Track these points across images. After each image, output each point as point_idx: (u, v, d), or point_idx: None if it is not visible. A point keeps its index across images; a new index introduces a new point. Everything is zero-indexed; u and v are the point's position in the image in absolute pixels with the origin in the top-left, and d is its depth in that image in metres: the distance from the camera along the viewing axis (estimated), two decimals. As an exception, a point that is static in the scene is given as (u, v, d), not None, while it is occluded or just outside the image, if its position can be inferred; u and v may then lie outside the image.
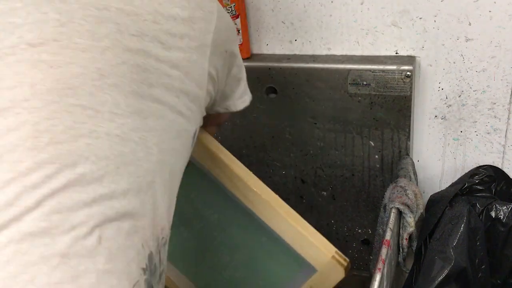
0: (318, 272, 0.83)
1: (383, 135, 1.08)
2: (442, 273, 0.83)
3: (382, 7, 1.02)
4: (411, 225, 0.92)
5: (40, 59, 0.49)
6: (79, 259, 0.46)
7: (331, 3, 1.06)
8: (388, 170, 1.11)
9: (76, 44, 0.51)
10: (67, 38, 0.51)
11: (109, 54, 0.52)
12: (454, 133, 1.07)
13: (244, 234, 0.92)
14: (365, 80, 1.04)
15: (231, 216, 0.92)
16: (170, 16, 0.60)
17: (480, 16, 0.96)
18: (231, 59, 0.74)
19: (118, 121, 0.51)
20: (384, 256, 0.78)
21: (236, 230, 0.93)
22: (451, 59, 1.02)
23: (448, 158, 1.10)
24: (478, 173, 0.99)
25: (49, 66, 0.49)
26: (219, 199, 0.91)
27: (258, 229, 0.88)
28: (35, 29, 0.50)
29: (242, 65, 0.80)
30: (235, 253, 0.95)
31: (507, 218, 0.91)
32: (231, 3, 1.09)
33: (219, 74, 0.70)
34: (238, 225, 0.92)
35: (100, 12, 0.53)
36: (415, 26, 1.02)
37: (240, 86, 0.80)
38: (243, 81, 0.81)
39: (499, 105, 1.01)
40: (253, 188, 0.85)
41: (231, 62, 0.74)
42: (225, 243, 0.96)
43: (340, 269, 0.80)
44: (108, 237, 0.49)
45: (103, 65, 0.52)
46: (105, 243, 0.48)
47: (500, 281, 0.93)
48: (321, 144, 1.14)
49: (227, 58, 0.72)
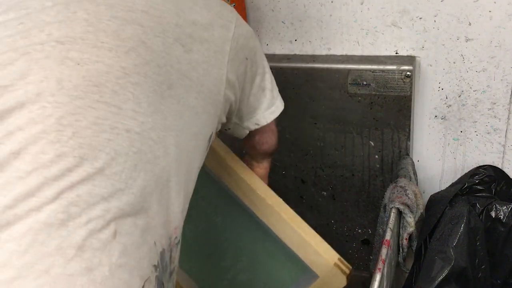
0: (320, 278, 0.83)
1: (383, 135, 1.08)
2: (442, 273, 0.83)
3: (382, 7, 1.02)
4: (411, 225, 0.92)
5: (67, 56, 0.51)
6: (94, 252, 0.47)
7: (331, 3, 1.06)
8: (388, 170, 1.11)
9: (103, 43, 0.52)
10: (94, 37, 0.52)
11: (133, 54, 0.54)
12: (454, 133, 1.07)
13: (248, 237, 0.92)
14: (365, 80, 1.04)
15: (235, 219, 0.93)
16: (191, 21, 0.62)
17: (480, 16, 0.96)
18: (253, 68, 0.75)
19: (139, 119, 0.53)
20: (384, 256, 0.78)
21: (240, 233, 0.93)
22: (451, 59, 1.02)
23: (448, 158, 1.10)
24: (478, 173, 0.99)
25: (76, 63, 0.51)
26: (224, 201, 0.92)
27: (262, 233, 0.88)
28: (63, 27, 0.52)
29: (267, 74, 0.79)
30: (239, 255, 0.95)
31: (507, 218, 0.91)
32: (231, 3, 1.09)
33: (239, 80, 0.71)
34: (242, 228, 0.92)
35: (126, 13, 0.55)
36: (415, 26, 1.02)
37: (265, 96, 0.80)
38: (269, 90, 0.80)
39: (499, 105, 1.01)
40: (257, 192, 0.85)
41: (253, 70, 0.75)
42: (229, 246, 0.96)
43: (342, 277, 0.81)
44: (123, 232, 0.50)
45: (127, 64, 0.53)
46: (120, 237, 0.49)
47: (500, 281, 0.93)
48: (321, 144, 1.14)
49: (248, 66, 0.73)
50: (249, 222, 0.89)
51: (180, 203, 0.59)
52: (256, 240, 0.91)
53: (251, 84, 0.76)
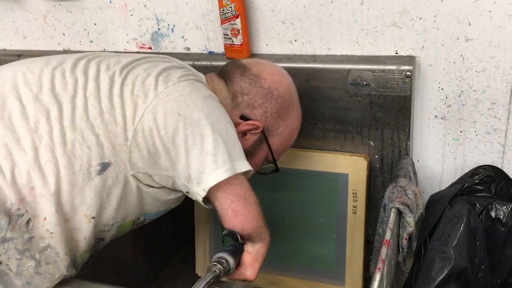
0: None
1: (383, 135, 1.08)
2: (442, 273, 0.83)
3: (382, 7, 1.02)
4: (411, 225, 0.92)
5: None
6: None
7: (331, 3, 1.06)
8: (388, 170, 1.11)
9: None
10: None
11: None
12: (454, 133, 1.07)
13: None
14: (365, 80, 1.04)
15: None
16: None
17: (480, 16, 0.96)
18: (190, 129, 0.81)
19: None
20: (384, 256, 0.78)
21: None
22: (451, 59, 1.02)
23: (448, 158, 1.10)
24: (478, 173, 0.99)
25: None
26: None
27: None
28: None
29: (208, 137, 0.79)
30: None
31: (507, 218, 0.91)
32: (231, 3, 1.09)
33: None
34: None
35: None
36: (415, 26, 1.02)
37: (208, 160, 0.79)
38: (211, 155, 0.79)
39: (499, 105, 1.01)
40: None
41: (190, 131, 0.81)
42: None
43: (362, 161, 1.07)
44: None
45: None
46: None
47: (500, 281, 0.93)
48: (321, 144, 1.14)
49: (181, 123, 0.80)
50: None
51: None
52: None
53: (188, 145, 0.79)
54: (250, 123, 0.91)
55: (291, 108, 0.96)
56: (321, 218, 1.14)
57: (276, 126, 0.94)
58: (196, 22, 1.20)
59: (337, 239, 1.14)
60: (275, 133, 0.95)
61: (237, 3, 1.09)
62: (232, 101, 0.92)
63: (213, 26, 1.18)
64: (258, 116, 0.92)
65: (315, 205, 1.14)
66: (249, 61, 0.97)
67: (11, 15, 1.39)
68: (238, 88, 0.93)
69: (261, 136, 0.93)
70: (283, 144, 0.98)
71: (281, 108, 0.94)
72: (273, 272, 1.20)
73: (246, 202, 0.80)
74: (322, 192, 1.12)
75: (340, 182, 1.10)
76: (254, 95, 0.92)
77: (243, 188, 0.80)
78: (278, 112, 0.93)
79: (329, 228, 1.14)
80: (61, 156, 0.76)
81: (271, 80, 0.93)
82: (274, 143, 0.95)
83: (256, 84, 0.92)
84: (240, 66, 0.95)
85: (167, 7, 1.21)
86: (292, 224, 1.18)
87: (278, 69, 0.97)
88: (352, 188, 1.09)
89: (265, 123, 0.93)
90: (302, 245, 1.18)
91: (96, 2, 1.27)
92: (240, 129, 0.90)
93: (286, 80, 0.96)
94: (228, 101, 0.92)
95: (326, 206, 1.13)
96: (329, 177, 1.11)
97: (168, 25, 1.22)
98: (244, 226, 0.81)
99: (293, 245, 1.19)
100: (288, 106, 0.95)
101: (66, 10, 1.32)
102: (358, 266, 1.12)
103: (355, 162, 1.09)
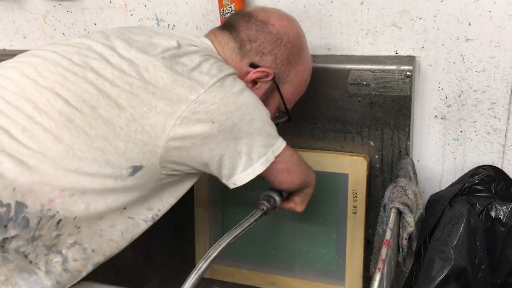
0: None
1: (383, 135, 1.08)
2: (442, 273, 0.83)
3: (382, 7, 1.02)
4: (411, 225, 0.92)
5: None
6: None
7: (331, 3, 1.06)
8: (388, 170, 1.11)
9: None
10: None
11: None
12: (454, 133, 1.07)
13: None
14: (365, 80, 1.04)
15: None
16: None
17: (480, 16, 0.96)
18: (224, 133, 0.80)
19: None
20: (384, 256, 0.78)
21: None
22: (451, 59, 1.02)
23: (448, 158, 1.10)
24: (478, 173, 0.99)
25: None
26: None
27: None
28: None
29: (243, 139, 0.80)
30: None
31: (507, 218, 0.91)
32: (231, 3, 1.09)
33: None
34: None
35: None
36: (415, 26, 1.02)
37: (241, 159, 0.81)
38: (245, 154, 0.81)
39: (499, 105, 1.01)
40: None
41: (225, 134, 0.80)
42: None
43: (362, 161, 1.07)
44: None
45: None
46: None
47: (500, 281, 0.93)
48: (321, 144, 1.14)
49: (215, 129, 0.79)
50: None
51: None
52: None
53: (222, 146, 0.79)
54: (260, 70, 0.89)
55: (301, 54, 0.92)
56: (321, 218, 1.14)
57: (287, 73, 0.91)
58: (196, 22, 1.20)
59: (337, 239, 1.14)
60: (286, 81, 0.92)
61: (237, 3, 1.09)
62: (240, 50, 0.89)
63: (213, 26, 1.18)
64: (268, 63, 0.89)
65: (315, 205, 1.13)
66: (254, 8, 0.94)
67: (11, 15, 1.39)
68: (245, 36, 0.89)
69: (272, 84, 0.90)
70: (295, 92, 0.95)
71: (291, 54, 0.90)
72: (273, 272, 1.21)
73: (289, 171, 0.88)
74: (322, 192, 1.11)
75: (340, 182, 1.10)
76: (263, 41, 0.89)
77: (282, 161, 0.85)
78: (288, 58, 0.90)
79: (329, 228, 1.14)
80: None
81: (280, 25, 0.90)
82: (286, 91, 0.93)
83: (264, 30, 0.89)
84: (245, 15, 0.92)
85: (167, 7, 1.21)
86: (292, 224, 1.18)
87: (286, 15, 0.94)
88: (352, 188, 1.09)
89: (276, 70, 0.90)
90: (302, 245, 1.18)
91: (96, 2, 1.27)
92: (250, 77, 0.88)
93: (295, 25, 0.93)
94: (236, 51, 0.89)
95: (326, 206, 1.13)
96: (329, 177, 1.10)
97: (168, 25, 1.22)
98: (291, 187, 0.92)
99: (293, 245, 1.19)
100: (298, 52, 0.92)
101: (66, 10, 1.32)
102: (358, 266, 1.12)
103: (355, 162, 1.09)
